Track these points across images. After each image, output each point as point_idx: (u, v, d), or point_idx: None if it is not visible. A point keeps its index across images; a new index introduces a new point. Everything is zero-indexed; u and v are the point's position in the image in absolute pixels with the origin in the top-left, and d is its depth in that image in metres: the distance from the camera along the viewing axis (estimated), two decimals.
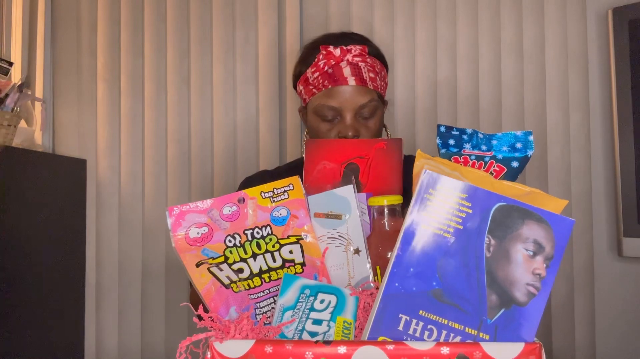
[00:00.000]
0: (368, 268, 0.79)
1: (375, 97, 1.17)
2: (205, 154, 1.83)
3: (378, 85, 1.18)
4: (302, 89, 1.22)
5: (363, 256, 0.79)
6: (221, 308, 0.74)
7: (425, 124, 1.73)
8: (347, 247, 0.79)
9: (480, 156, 0.84)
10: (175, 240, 0.72)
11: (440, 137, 0.85)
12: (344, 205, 0.80)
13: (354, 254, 0.79)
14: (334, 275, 0.79)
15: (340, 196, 0.80)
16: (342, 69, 1.15)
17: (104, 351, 1.84)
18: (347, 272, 0.79)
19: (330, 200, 0.80)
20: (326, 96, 1.15)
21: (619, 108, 1.56)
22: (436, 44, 1.75)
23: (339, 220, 0.79)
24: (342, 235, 0.79)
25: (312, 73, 1.17)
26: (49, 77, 1.90)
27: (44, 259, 1.65)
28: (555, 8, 1.67)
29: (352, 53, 1.16)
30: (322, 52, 1.17)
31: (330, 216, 0.80)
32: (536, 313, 0.67)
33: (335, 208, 0.80)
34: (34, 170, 1.65)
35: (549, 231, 0.67)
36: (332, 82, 1.14)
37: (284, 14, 1.82)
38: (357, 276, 0.79)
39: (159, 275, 1.83)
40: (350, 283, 0.78)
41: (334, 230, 0.79)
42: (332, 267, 0.79)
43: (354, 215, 0.79)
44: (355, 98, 1.14)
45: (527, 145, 0.85)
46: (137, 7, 1.87)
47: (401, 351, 0.64)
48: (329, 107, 1.15)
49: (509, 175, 0.84)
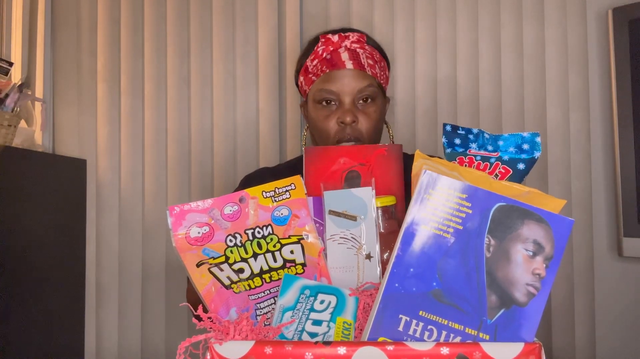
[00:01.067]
0: (378, 274, 0.77)
1: (374, 84, 1.16)
2: (205, 154, 1.83)
3: (377, 73, 1.17)
4: (302, 80, 1.22)
5: (374, 262, 0.78)
6: (221, 308, 0.74)
7: (425, 124, 1.73)
8: (359, 251, 0.78)
9: (486, 157, 0.83)
10: (176, 239, 0.72)
11: (446, 136, 0.84)
12: (359, 206, 0.78)
13: (365, 259, 0.78)
14: (341, 277, 0.77)
15: (357, 197, 0.79)
16: (340, 54, 1.15)
17: (104, 351, 1.84)
18: (356, 276, 0.78)
19: (347, 198, 0.78)
20: (324, 81, 1.15)
21: (619, 108, 1.56)
22: (436, 44, 1.75)
23: (353, 221, 0.78)
24: (355, 237, 0.78)
25: (312, 61, 1.18)
26: (49, 77, 1.90)
27: (44, 259, 1.65)
28: (555, 8, 1.67)
29: (350, 39, 1.17)
30: (320, 40, 1.18)
31: (345, 216, 0.78)
32: (536, 313, 0.67)
33: (350, 208, 0.78)
34: (34, 170, 1.65)
35: (548, 231, 0.67)
36: (330, 66, 1.15)
37: (284, 14, 1.82)
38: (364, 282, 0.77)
39: (159, 275, 1.83)
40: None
41: (348, 230, 0.78)
42: (339, 269, 0.78)
43: (369, 218, 0.78)
44: (353, 82, 1.13)
45: (535, 147, 0.83)
46: (137, 7, 1.87)
47: (401, 351, 0.64)
48: (327, 91, 1.14)
49: (515, 177, 0.82)
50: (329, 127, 1.14)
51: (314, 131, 1.20)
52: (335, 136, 1.14)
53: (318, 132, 1.18)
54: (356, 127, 1.13)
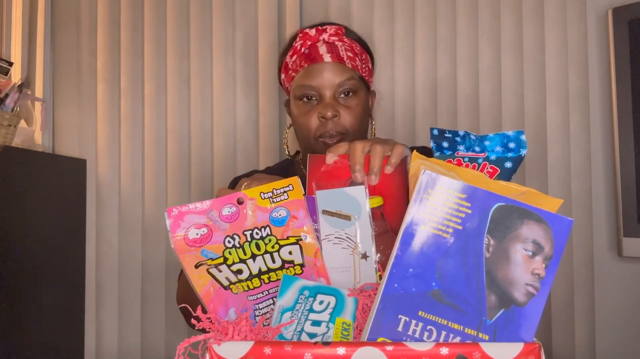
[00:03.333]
0: (375, 274, 0.77)
1: (355, 77, 1.13)
2: (205, 154, 1.83)
3: (357, 66, 1.14)
4: (284, 78, 1.20)
5: (370, 262, 0.77)
6: (220, 309, 0.74)
7: (425, 124, 1.73)
8: (355, 251, 0.77)
9: (474, 158, 0.84)
10: (174, 241, 0.72)
11: (434, 140, 0.84)
12: (353, 206, 0.77)
13: (361, 258, 0.78)
14: (337, 278, 0.77)
15: (350, 196, 0.78)
16: (318, 48, 1.13)
17: (104, 351, 1.84)
18: (352, 276, 0.77)
19: (340, 198, 0.78)
20: (303, 76, 1.13)
21: (619, 108, 1.56)
22: (436, 44, 1.74)
23: (347, 221, 0.77)
24: (350, 237, 0.77)
25: (291, 57, 1.16)
26: (49, 77, 1.90)
27: (44, 259, 1.65)
28: (555, 8, 1.67)
29: (327, 32, 1.14)
30: (299, 35, 1.16)
31: (339, 216, 0.77)
32: (535, 313, 0.67)
33: (344, 207, 0.77)
34: (34, 170, 1.65)
35: (548, 231, 0.67)
36: (309, 60, 1.12)
37: (284, 14, 1.82)
38: (363, 282, 0.77)
39: (159, 275, 1.83)
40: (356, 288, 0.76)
41: (342, 230, 0.77)
42: (335, 269, 0.77)
43: (363, 217, 0.77)
44: (332, 76, 1.11)
45: (521, 145, 0.84)
46: (137, 7, 1.87)
47: (400, 351, 0.64)
48: (307, 87, 1.12)
49: (503, 175, 0.83)
50: (310, 123, 1.12)
51: (297, 128, 1.18)
52: (316, 131, 1.11)
53: (300, 129, 1.16)
54: (338, 122, 1.10)
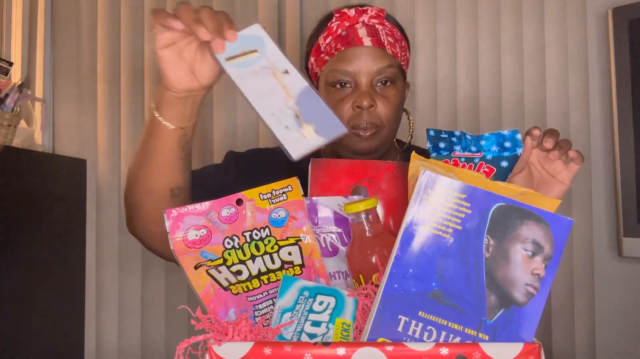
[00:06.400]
0: (303, 80, 0.74)
1: (395, 64, 1.03)
2: (205, 154, 1.83)
3: (397, 53, 1.04)
4: (313, 62, 1.09)
5: (294, 72, 0.74)
6: (220, 310, 0.74)
7: (425, 124, 1.73)
8: (275, 73, 0.74)
9: (470, 158, 0.83)
10: (174, 242, 0.72)
11: (430, 140, 0.83)
12: (256, 42, 0.75)
13: (283, 74, 0.74)
14: (266, 104, 0.73)
15: (249, 36, 0.75)
16: (357, 30, 1.02)
17: (104, 351, 1.84)
18: (284, 95, 0.73)
19: (240, 43, 0.75)
20: (339, 60, 1.02)
21: (619, 108, 1.56)
22: (436, 44, 1.74)
23: (255, 55, 0.75)
24: (264, 66, 0.74)
25: (324, 39, 1.05)
26: (49, 77, 1.90)
27: (44, 259, 1.65)
28: (555, 8, 1.67)
29: (368, 14, 1.04)
30: (335, 15, 1.05)
31: (245, 54, 0.75)
32: (535, 313, 0.67)
33: (246, 47, 0.75)
34: (34, 170, 1.65)
35: (547, 231, 0.67)
36: (346, 43, 1.01)
37: (284, 14, 1.82)
38: (295, 92, 0.73)
39: (159, 275, 1.83)
40: (289, 105, 0.73)
41: (254, 65, 0.74)
42: (261, 95, 0.73)
43: (269, 46, 0.75)
44: (371, 61, 1.00)
45: (516, 144, 0.83)
46: (137, 7, 1.87)
47: (400, 352, 0.64)
48: (341, 72, 1.01)
49: (499, 175, 0.83)
50: (343, 112, 1.01)
51: None
52: (350, 122, 1.01)
53: None
54: (374, 112, 1.01)
